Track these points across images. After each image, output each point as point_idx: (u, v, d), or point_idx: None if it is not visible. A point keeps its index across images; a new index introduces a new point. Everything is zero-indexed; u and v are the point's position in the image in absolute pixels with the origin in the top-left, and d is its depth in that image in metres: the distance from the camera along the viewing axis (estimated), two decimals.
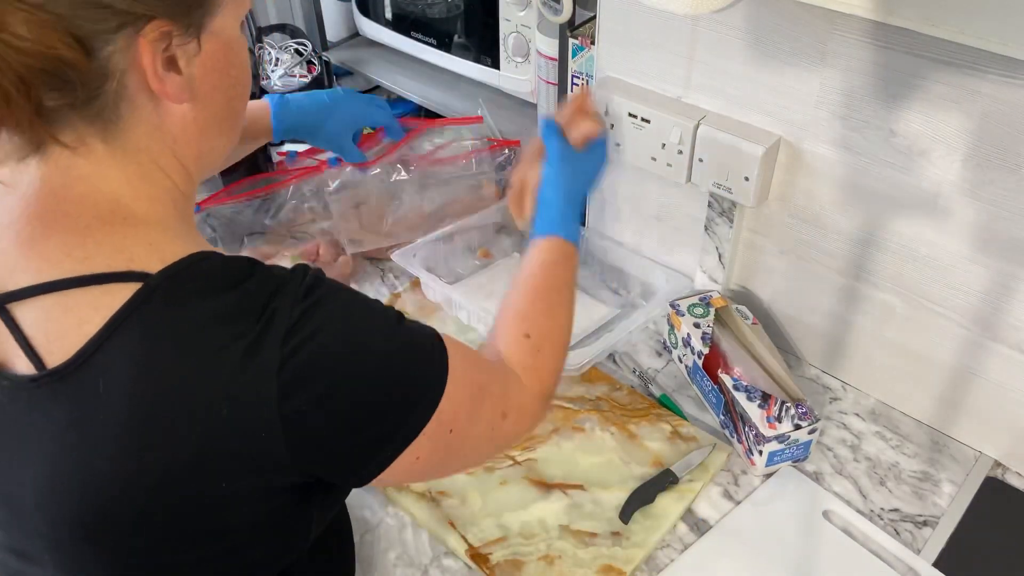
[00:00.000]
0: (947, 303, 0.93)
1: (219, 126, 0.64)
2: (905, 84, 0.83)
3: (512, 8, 1.23)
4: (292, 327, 0.56)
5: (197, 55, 0.59)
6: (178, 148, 0.62)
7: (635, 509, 0.90)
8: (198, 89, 0.60)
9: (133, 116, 0.58)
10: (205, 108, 0.62)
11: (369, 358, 0.60)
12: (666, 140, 1.01)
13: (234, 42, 0.63)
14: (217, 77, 0.62)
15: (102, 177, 0.59)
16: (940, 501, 0.93)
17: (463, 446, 0.68)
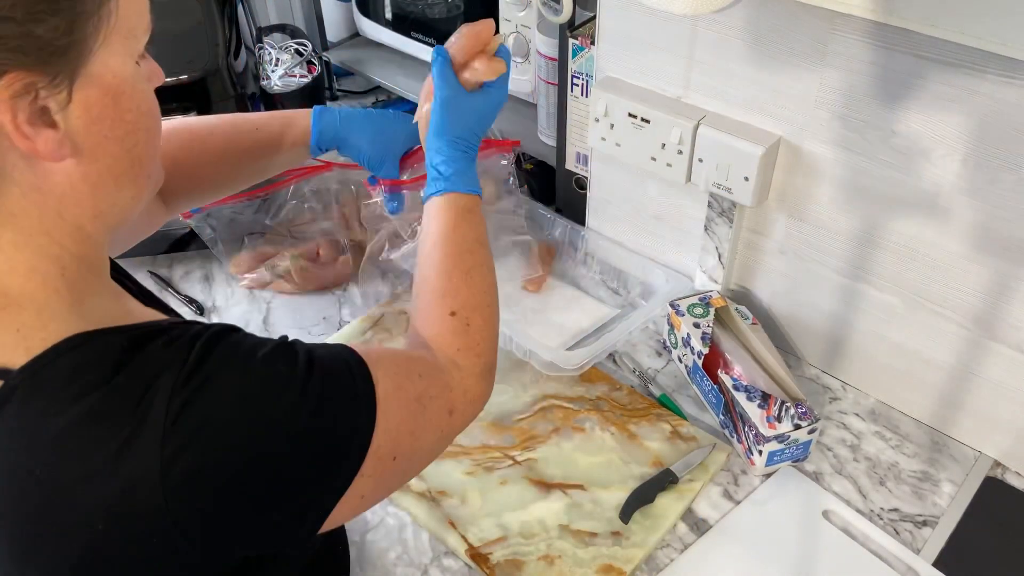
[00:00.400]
0: (947, 303, 0.93)
1: (118, 180, 0.56)
2: (905, 84, 0.83)
3: (512, 8, 1.23)
4: (174, 420, 0.50)
5: (70, 105, 0.51)
6: (66, 209, 0.54)
7: (635, 509, 0.91)
8: (82, 142, 0.52)
9: (5, 181, 0.51)
10: (96, 161, 0.54)
11: (272, 440, 0.54)
12: (666, 140, 1.01)
13: (125, 84, 0.54)
14: (107, 126, 0.53)
15: None
16: (940, 501, 0.93)
17: (411, 463, 0.64)
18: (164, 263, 1.27)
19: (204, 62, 0.86)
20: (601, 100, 1.05)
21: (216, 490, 0.52)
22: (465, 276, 0.73)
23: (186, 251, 1.27)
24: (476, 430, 1.00)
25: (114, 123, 0.54)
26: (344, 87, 1.66)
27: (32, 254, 0.54)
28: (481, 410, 0.72)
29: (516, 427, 1.00)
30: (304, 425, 0.55)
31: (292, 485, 0.56)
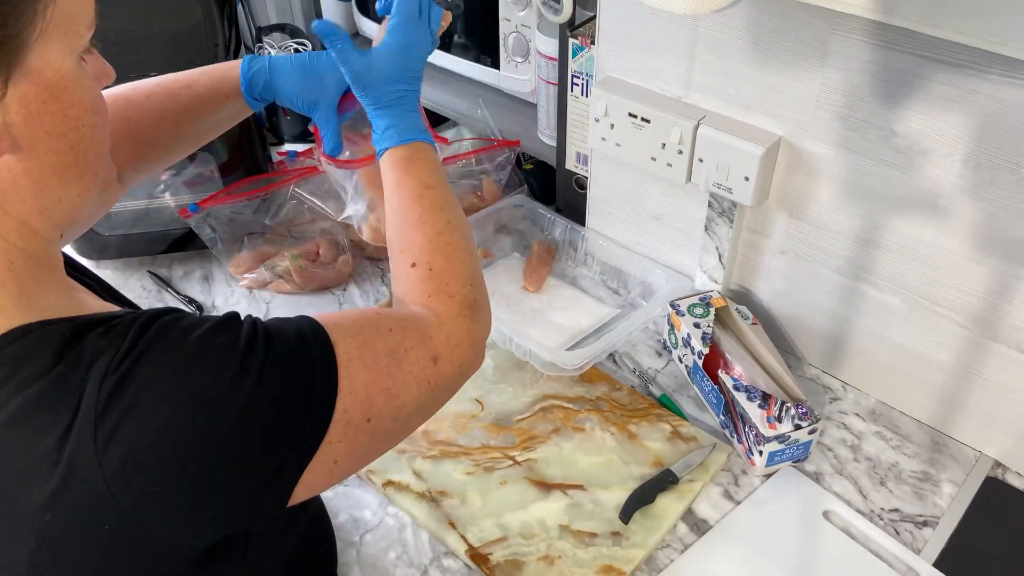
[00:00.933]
0: (947, 303, 0.93)
1: (61, 176, 0.55)
2: (905, 84, 0.83)
3: (512, 8, 1.23)
4: (104, 408, 0.49)
5: (5, 100, 0.50)
6: (9, 204, 0.54)
7: (635, 509, 0.90)
8: (22, 138, 0.51)
9: None
10: (37, 157, 0.53)
11: (211, 416, 0.52)
12: (666, 140, 1.01)
13: (66, 79, 0.53)
14: (49, 121, 0.52)
15: None
16: (940, 501, 0.93)
17: (395, 422, 0.61)
18: (164, 263, 1.27)
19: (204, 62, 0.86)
20: (601, 100, 1.05)
21: (156, 472, 0.50)
22: (416, 224, 0.72)
23: (186, 251, 1.27)
24: (476, 430, 1.00)
25: (55, 119, 0.53)
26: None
27: None
28: (475, 354, 0.68)
29: (516, 427, 1.00)
30: (247, 398, 0.53)
31: (244, 460, 0.53)
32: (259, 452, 0.54)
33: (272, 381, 0.55)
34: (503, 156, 1.31)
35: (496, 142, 1.33)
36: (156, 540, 0.53)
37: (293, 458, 0.56)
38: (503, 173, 1.31)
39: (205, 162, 1.26)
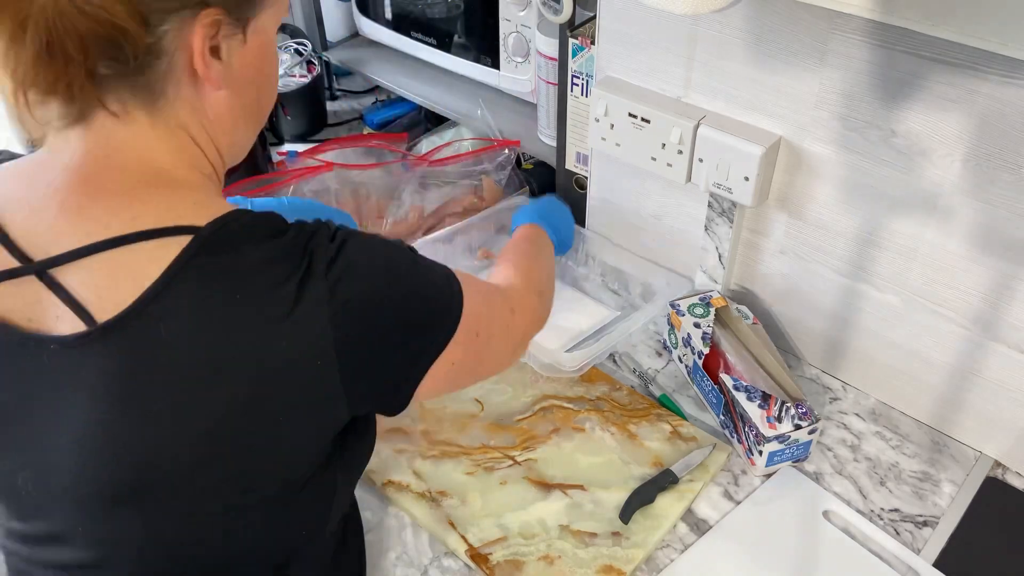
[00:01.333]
0: (947, 303, 0.92)
1: (247, 119, 0.68)
2: (905, 84, 0.83)
3: (512, 8, 1.23)
4: (332, 261, 0.61)
5: (240, 48, 0.63)
6: (214, 132, 0.65)
7: (635, 509, 0.90)
8: (236, 79, 0.64)
9: (177, 94, 0.62)
10: (240, 97, 0.65)
11: (402, 280, 0.65)
12: (666, 140, 1.01)
13: (271, 43, 0.67)
14: (253, 72, 0.65)
15: (144, 147, 0.62)
16: (940, 501, 0.93)
17: (488, 346, 0.74)
18: None
19: None
20: (601, 100, 1.05)
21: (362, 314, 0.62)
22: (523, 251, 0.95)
23: None
24: (476, 430, 1.00)
25: (257, 71, 0.66)
26: (344, 87, 1.66)
27: (191, 157, 0.64)
28: (537, 323, 0.86)
29: (516, 427, 1.00)
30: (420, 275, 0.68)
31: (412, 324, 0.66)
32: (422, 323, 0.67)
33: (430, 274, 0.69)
34: (503, 156, 1.31)
35: (496, 142, 1.33)
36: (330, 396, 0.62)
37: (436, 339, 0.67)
38: (503, 173, 1.31)
39: None
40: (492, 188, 1.31)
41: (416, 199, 1.28)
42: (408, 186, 1.29)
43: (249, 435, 0.60)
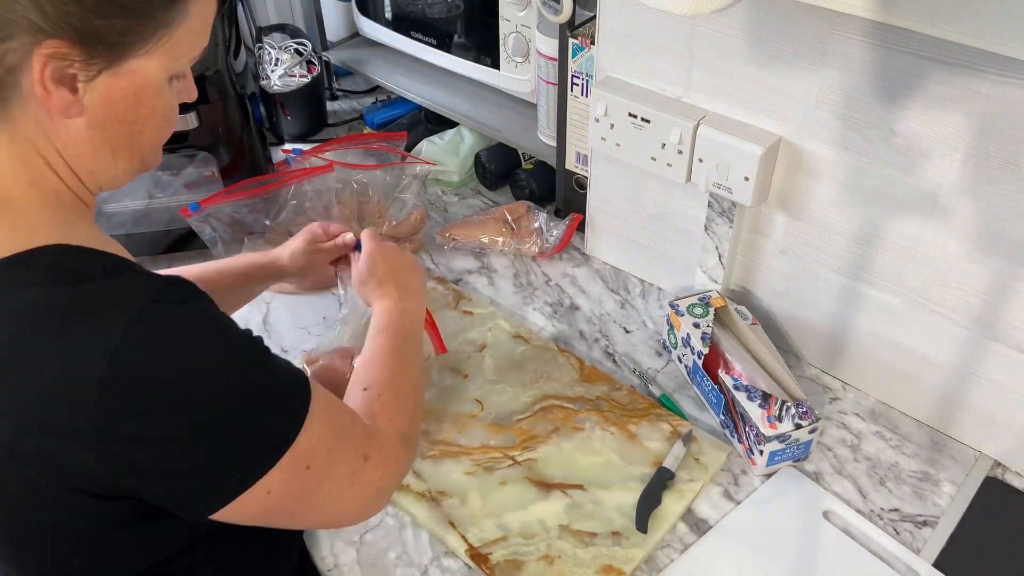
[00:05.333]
0: (947, 303, 0.93)
1: (115, 153, 0.65)
2: (905, 84, 0.83)
3: (512, 8, 1.23)
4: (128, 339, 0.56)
5: (102, 84, 0.60)
6: (67, 154, 0.63)
7: (648, 515, 0.90)
8: (94, 113, 0.61)
9: (22, 108, 0.60)
10: (102, 131, 0.63)
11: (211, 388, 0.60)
12: (666, 140, 1.01)
13: (150, 87, 0.63)
14: (120, 111, 0.62)
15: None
16: (940, 501, 0.93)
17: (322, 486, 0.67)
18: (164, 263, 1.27)
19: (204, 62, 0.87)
20: (601, 100, 1.05)
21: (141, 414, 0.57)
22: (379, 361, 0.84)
23: (186, 251, 1.27)
24: (476, 430, 1.00)
25: (127, 110, 0.63)
26: (344, 87, 1.66)
27: (33, 173, 0.62)
28: (397, 476, 0.76)
29: (516, 427, 1.00)
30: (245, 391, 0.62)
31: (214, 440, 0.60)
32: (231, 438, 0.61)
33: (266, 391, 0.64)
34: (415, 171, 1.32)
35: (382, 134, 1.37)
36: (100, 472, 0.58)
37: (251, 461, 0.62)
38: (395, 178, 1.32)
39: (206, 163, 1.26)
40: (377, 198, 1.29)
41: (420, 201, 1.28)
42: (410, 187, 1.29)
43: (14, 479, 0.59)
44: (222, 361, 0.61)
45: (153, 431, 0.57)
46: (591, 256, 1.27)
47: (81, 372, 0.55)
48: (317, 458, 0.66)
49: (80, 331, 0.56)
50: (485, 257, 1.27)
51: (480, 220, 1.29)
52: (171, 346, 0.58)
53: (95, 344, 0.56)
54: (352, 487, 0.70)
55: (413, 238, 1.27)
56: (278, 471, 0.63)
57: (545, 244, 1.25)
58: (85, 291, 0.58)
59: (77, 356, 0.56)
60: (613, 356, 1.11)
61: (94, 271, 0.60)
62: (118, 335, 0.56)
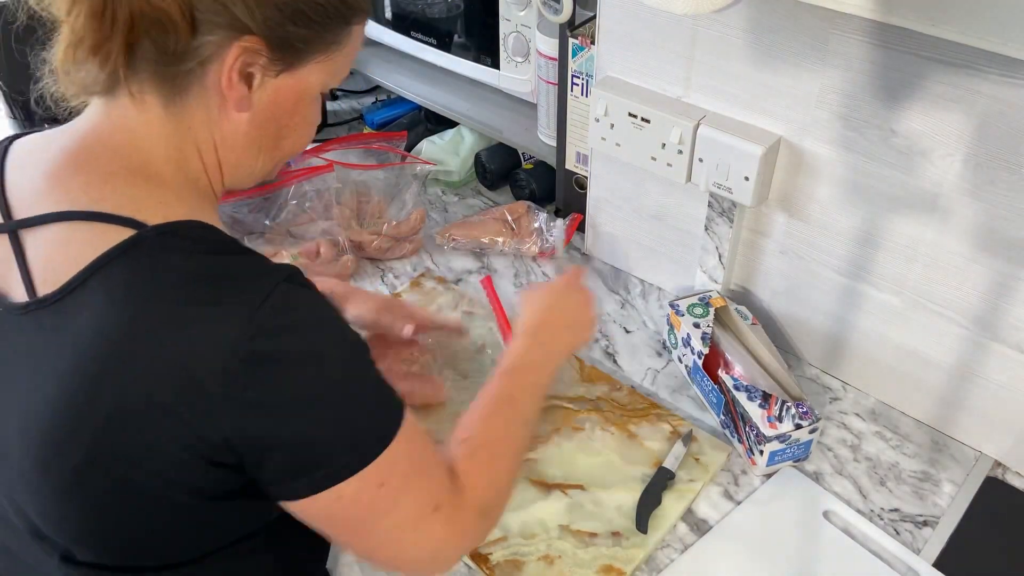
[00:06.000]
0: (947, 303, 0.93)
1: (261, 151, 0.70)
2: (905, 84, 0.83)
3: (512, 8, 1.23)
4: (264, 310, 0.59)
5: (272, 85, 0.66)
6: (222, 147, 0.68)
7: (648, 515, 0.90)
8: (258, 110, 0.67)
9: (199, 99, 0.65)
10: (258, 128, 0.68)
11: (332, 368, 0.62)
12: (666, 140, 1.01)
13: (307, 97, 0.69)
14: (279, 112, 0.68)
15: (145, 135, 0.65)
16: (940, 501, 0.93)
17: (388, 515, 0.66)
18: None
19: None
20: (601, 100, 1.05)
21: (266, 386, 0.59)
22: (488, 416, 0.80)
23: None
24: None
25: (284, 113, 0.69)
26: (344, 87, 1.66)
27: (185, 160, 0.67)
28: (462, 545, 0.72)
29: None
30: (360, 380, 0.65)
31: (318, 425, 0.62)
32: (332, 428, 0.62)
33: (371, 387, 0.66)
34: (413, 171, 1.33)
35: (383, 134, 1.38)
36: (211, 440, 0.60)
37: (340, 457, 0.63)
38: None
39: None
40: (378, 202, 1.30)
41: (419, 201, 1.28)
42: (410, 187, 1.29)
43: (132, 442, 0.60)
44: (344, 347, 0.64)
45: (273, 399, 0.60)
46: (591, 256, 1.27)
47: (220, 337, 0.58)
48: (393, 480, 0.65)
49: (223, 298, 0.60)
50: (485, 257, 1.27)
51: (480, 220, 1.29)
52: (302, 321, 0.62)
53: (235, 312, 0.59)
54: (413, 533, 0.68)
55: (413, 238, 1.27)
56: (357, 480, 0.63)
57: (545, 244, 1.25)
58: (229, 263, 0.63)
59: (218, 321, 0.58)
60: (613, 356, 1.11)
61: (235, 247, 0.65)
62: (256, 304, 0.59)
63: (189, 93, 0.64)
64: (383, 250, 1.25)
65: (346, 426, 0.63)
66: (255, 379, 0.59)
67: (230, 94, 0.64)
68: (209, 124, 0.66)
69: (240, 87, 0.64)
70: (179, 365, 0.58)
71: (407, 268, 1.25)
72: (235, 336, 0.58)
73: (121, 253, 0.60)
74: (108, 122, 0.65)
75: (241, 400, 0.59)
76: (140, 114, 0.65)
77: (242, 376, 0.58)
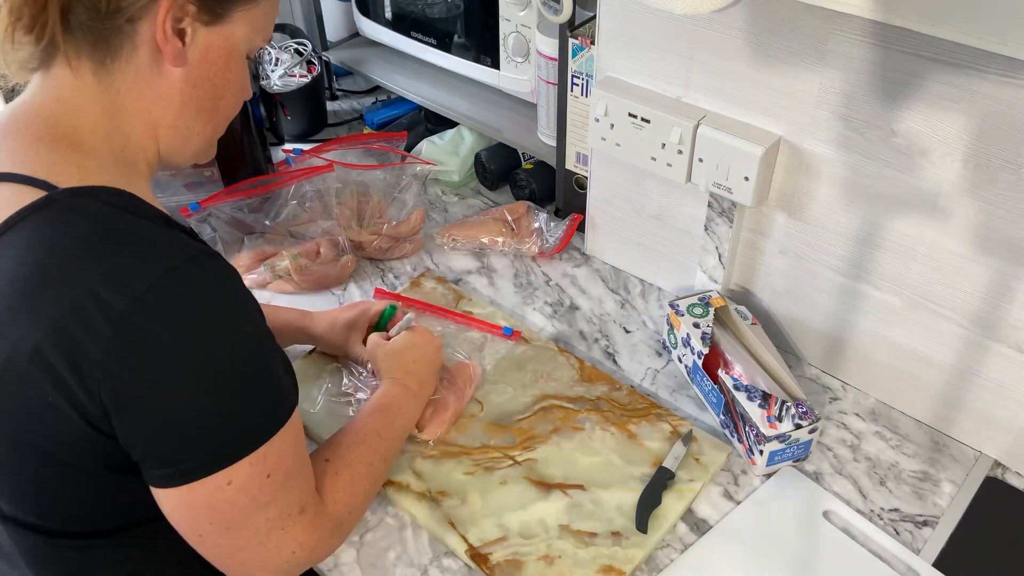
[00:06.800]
0: (947, 303, 0.93)
1: (198, 111, 0.71)
2: (905, 84, 0.83)
3: (512, 8, 1.23)
4: (158, 286, 0.60)
5: (204, 41, 0.68)
6: (156, 108, 0.69)
7: (648, 515, 0.90)
8: (191, 68, 0.68)
9: (130, 58, 0.66)
10: (193, 87, 0.69)
11: (214, 356, 0.63)
12: (666, 140, 1.01)
13: (235, 53, 0.71)
14: (212, 70, 0.70)
15: (75, 103, 0.67)
16: (940, 501, 0.93)
17: (265, 508, 0.67)
18: None
19: None
20: (601, 100, 1.05)
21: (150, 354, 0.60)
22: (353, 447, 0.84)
23: None
24: (476, 430, 1.00)
25: (216, 72, 0.70)
26: (344, 87, 1.66)
27: (112, 126, 0.68)
28: (316, 552, 0.74)
29: (516, 427, 1.00)
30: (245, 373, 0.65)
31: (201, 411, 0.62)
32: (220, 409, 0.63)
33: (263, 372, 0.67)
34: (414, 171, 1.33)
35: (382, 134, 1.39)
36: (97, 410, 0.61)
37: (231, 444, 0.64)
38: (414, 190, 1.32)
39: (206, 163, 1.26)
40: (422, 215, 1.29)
41: (420, 201, 1.28)
42: (410, 187, 1.29)
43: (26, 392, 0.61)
44: (233, 336, 0.64)
45: (150, 377, 0.60)
46: (591, 256, 1.27)
47: (108, 300, 0.58)
48: (277, 473, 0.67)
49: (121, 262, 0.60)
50: (485, 257, 1.27)
51: (480, 220, 1.29)
52: (192, 305, 0.61)
53: (129, 279, 0.59)
54: (280, 532, 0.70)
55: (413, 238, 1.27)
56: (246, 464, 0.65)
57: (545, 244, 1.25)
58: (140, 226, 0.63)
59: (109, 284, 0.59)
60: (613, 356, 1.11)
61: (151, 216, 0.65)
62: (152, 278, 0.59)
63: (120, 53, 0.66)
64: (383, 250, 1.25)
65: (231, 410, 0.64)
66: (134, 352, 0.59)
67: (166, 48, 0.66)
68: (141, 85, 0.67)
69: (174, 40, 0.66)
70: (64, 323, 0.59)
71: (407, 268, 1.25)
72: (122, 304, 0.58)
73: (31, 212, 0.61)
74: (42, 93, 0.67)
75: (118, 371, 0.59)
76: (74, 81, 0.66)
77: (122, 346, 0.59)
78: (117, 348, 0.59)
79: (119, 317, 0.58)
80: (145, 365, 0.60)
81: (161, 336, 0.60)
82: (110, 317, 0.58)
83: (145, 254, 0.61)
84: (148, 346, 0.60)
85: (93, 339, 0.58)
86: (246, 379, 0.65)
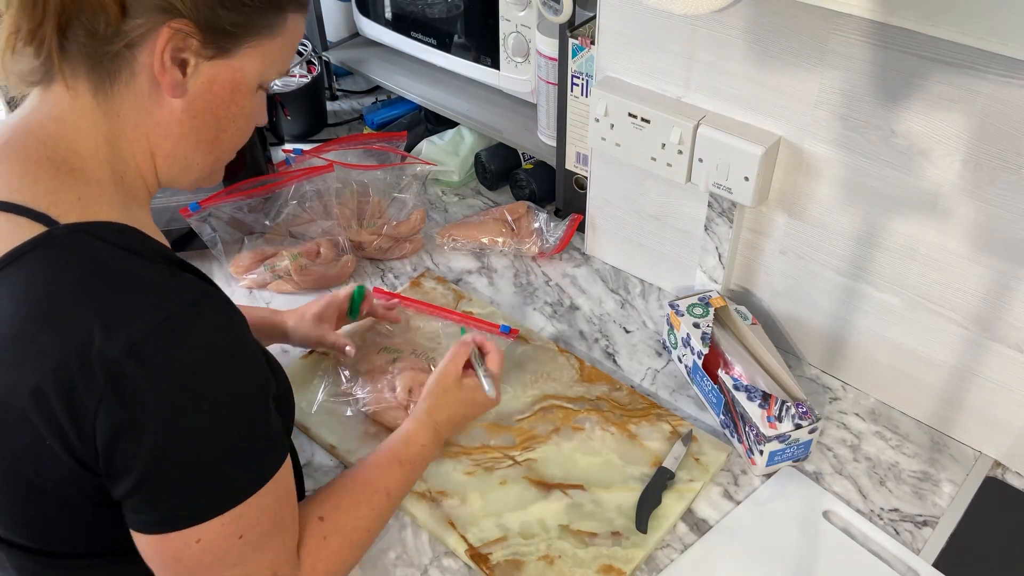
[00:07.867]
0: (947, 303, 0.93)
1: (198, 143, 0.69)
2: (905, 84, 0.83)
3: (512, 8, 1.23)
4: (155, 333, 0.58)
5: (207, 72, 0.65)
6: (154, 136, 0.67)
7: (648, 515, 0.90)
8: (193, 99, 0.66)
9: (129, 84, 0.64)
10: (194, 118, 0.67)
11: (203, 410, 0.61)
12: (666, 140, 1.01)
13: (244, 88, 0.68)
14: (215, 102, 0.67)
15: (74, 125, 0.65)
16: (940, 501, 0.93)
17: (230, 568, 0.65)
18: None
19: None
20: (601, 100, 1.05)
21: (140, 403, 0.58)
22: (355, 504, 0.80)
23: (186, 251, 1.27)
24: (476, 430, 1.00)
25: (221, 104, 0.67)
26: (344, 87, 1.66)
27: (113, 154, 0.66)
28: None
29: (516, 427, 1.00)
30: (235, 429, 0.63)
31: (183, 464, 0.61)
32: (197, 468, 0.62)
33: (247, 431, 0.65)
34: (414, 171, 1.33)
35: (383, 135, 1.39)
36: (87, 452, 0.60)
37: (205, 498, 0.63)
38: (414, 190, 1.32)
39: None
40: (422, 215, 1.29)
41: (420, 201, 1.28)
42: (410, 187, 1.29)
43: (22, 437, 0.60)
44: (223, 394, 0.62)
45: (137, 426, 0.59)
46: (591, 256, 1.27)
47: (104, 348, 0.57)
48: (251, 535, 0.65)
49: (119, 307, 0.59)
50: (485, 257, 1.27)
51: (480, 220, 1.29)
52: (186, 358, 0.60)
53: (127, 326, 0.58)
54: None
55: (413, 238, 1.27)
56: (219, 524, 0.63)
57: (545, 244, 1.25)
58: (139, 267, 0.61)
59: (107, 330, 0.58)
60: (613, 356, 1.11)
61: (153, 255, 0.63)
62: (149, 326, 0.58)
63: (119, 79, 0.64)
64: (383, 250, 1.25)
65: (211, 467, 0.62)
66: (125, 400, 0.58)
67: (163, 78, 0.64)
68: (139, 111, 0.65)
69: (173, 71, 0.63)
70: (64, 367, 0.58)
71: (407, 268, 1.25)
72: (117, 351, 0.57)
73: (30, 249, 0.60)
74: (40, 111, 0.65)
75: (109, 418, 0.58)
76: (72, 102, 0.64)
77: (113, 393, 0.57)
78: (109, 396, 0.58)
79: (113, 366, 0.57)
80: (134, 416, 0.59)
81: (152, 388, 0.58)
82: (105, 365, 0.57)
83: (144, 299, 0.60)
84: (138, 397, 0.58)
85: (89, 386, 0.58)
86: (231, 436, 0.63)
